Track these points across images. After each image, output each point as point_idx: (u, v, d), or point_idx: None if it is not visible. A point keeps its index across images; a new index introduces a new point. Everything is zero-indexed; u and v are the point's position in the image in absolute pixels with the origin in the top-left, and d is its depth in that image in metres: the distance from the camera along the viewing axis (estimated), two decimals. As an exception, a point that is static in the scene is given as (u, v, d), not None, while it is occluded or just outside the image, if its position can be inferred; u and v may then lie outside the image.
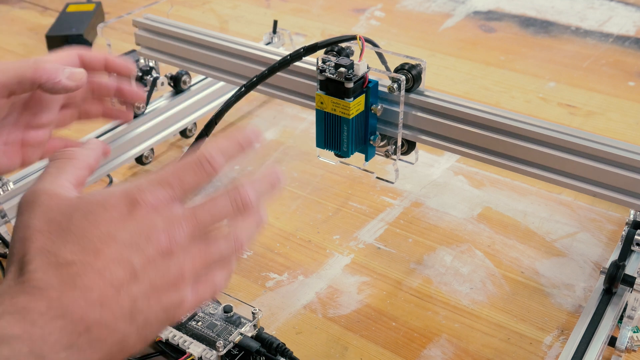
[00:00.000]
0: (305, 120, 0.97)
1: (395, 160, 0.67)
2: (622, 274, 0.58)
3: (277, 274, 0.70)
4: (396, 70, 0.64)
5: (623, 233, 0.63)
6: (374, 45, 0.64)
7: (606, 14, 1.26)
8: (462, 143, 0.64)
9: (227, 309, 0.60)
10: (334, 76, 0.59)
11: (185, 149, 0.92)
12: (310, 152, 0.90)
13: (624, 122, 0.95)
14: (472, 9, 1.30)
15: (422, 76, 0.64)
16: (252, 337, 0.58)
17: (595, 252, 0.72)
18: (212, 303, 0.62)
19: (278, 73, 0.66)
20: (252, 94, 0.70)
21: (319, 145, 0.65)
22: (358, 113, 0.62)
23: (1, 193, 0.70)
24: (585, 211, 0.78)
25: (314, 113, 0.63)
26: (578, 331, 0.57)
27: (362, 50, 0.60)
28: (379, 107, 0.63)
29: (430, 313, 0.66)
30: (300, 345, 0.62)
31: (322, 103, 0.61)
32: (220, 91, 0.93)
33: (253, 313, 0.58)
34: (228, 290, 0.67)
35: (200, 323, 0.59)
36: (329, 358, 0.61)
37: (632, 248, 0.61)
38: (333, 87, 0.60)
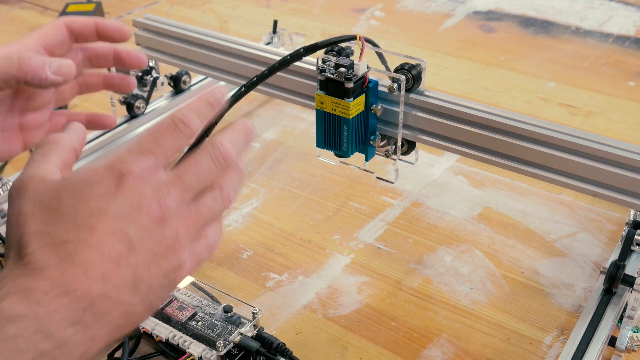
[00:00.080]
0: (305, 120, 0.97)
1: (395, 160, 0.67)
2: (622, 274, 0.58)
3: (277, 274, 0.70)
4: (396, 70, 0.64)
5: (623, 233, 0.63)
6: (374, 45, 0.64)
7: (606, 14, 1.26)
8: (462, 143, 0.64)
9: (227, 309, 0.60)
10: (334, 76, 0.59)
11: (185, 149, 0.92)
12: (310, 152, 0.90)
13: (624, 122, 0.95)
14: (472, 9, 1.30)
15: (422, 76, 0.64)
16: (252, 337, 0.58)
17: (595, 252, 0.72)
18: (212, 303, 0.62)
19: (278, 73, 0.66)
20: (252, 94, 0.70)
21: (319, 145, 0.65)
22: (358, 113, 0.62)
23: (1, 193, 0.70)
24: (585, 211, 0.78)
25: (314, 113, 0.63)
26: (578, 331, 0.57)
27: (362, 50, 0.60)
28: (379, 107, 0.63)
29: (430, 313, 0.66)
30: (300, 345, 0.62)
31: (322, 103, 0.61)
32: (220, 91, 0.93)
33: (253, 313, 0.58)
34: (228, 290, 0.67)
35: (200, 323, 0.59)
36: (329, 358, 0.61)
37: (632, 248, 0.61)
38: (333, 87, 0.60)
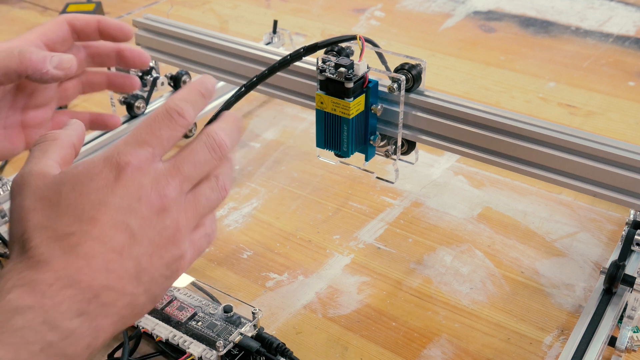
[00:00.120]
0: (305, 120, 0.97)
1: (395, 160, 0.66)
2: (622, 274, 0.58)
3: (277, 274, 0.70)
4: (396, 70, 0.64)
5: (623, 233, 0.63)
6: (374, 45, 0.64)
7: (606, 14, 1.26)
8: (462, 143, 0.64)
9: (227, 309, 0.60)
10: (334, 76, 0.59)
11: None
12: (310, 152, 0.90)
13: (624, 122, 0.95)
14: (472, 9, 1.30)
15: (422, 76, 0.64)
16: (252, 337, 0.58)
17: (595, 252, 0.72)
18: (212, 303, 0.62)
19: (278, 73, 0.66)
20: (252, 94, 0.70)
21: (319, 145, 0.65)
22: (358, 113, 0.62)
23: (1, 193, 0.70)
24: (585, 211, 0.78)
25: (314, 113, 0.63)
26: (578, 331, 0.57)
27: (362, 50, 0.60)
28: (379, 107, 0.63)
29: (430, 313, 0.66)
30: (300, 345, 0.62)
31: (322, 103, 0.61)
32: (220, 91, 0.93)
33: (253, 313, 0.58)
34: (228, 290, 0.67)
35: (200, 323, 0.59)
36: (329, 358, 0.61)
37: (632, 248, 0.61)
38: (333, 87, 0.60)
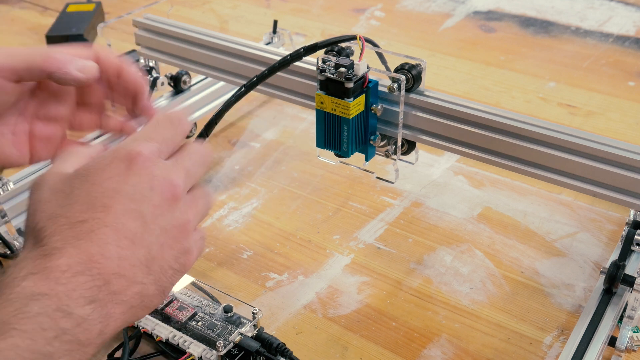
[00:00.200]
0: (305, 120, 0.97)
1: (395, 160, 0.66)
2: (622, 274, 0.58)
3: (277, 274, 0.70)
4: (396, 70, 0.64)
5: (623, 233, 0.63)
6: (374, 45, 0.64)
7: (606, 14, 1.26)
8: (462, 143, 0.64)
9: (227, 309, 0.60)
10: (334, 76, 0.59)
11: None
12: (310, 152, 0.90)
13: (624, 122, 0.95)
14: (472, 9, 1.30)
15: (422, 76, 0.64)
16: (252, 337, 0.58)
17: (595, 252, 0.72)
18: (212, 303, 0.62)
19: (278, 73, 0.66)
20: (252, 94, 0.70)
21: (319, 145, 0.65)
22: (358, 113, 0.62)
23: (1, 193, 0.70)
24: (585, 211, 0.78)
25: (314, 113, 0.63)
26: (578, 331, 0.57)
27: (362, 50, 0.60)
28: (379, 107, 0.63)
29: (430, 313, 0.66)
30: (300, 345, 0.62)
31: (322, 103, 0.61)
32: (220, 91, 0.93)
33: (253, 313, 0.58)
34: (228, 290, 0.67)
35: (200, 323, 0.59)
36: (329, 358, 0.61)
37: (632, 248, 0.61)
38: (333, 87, 0.60)
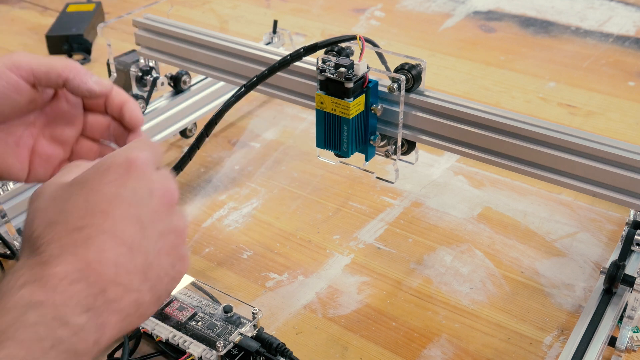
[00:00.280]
0: (305, 120, 0.97)
1: (395, 160, 0.66)
2: (622, 274, 0.58)
3: (277, 274, 0.70)
4: (396, 70, 0.64)
5: (623, 233, 0.63)
6: (374, 45, 0.64)
7: (606, 14, 1.26)
8: (462, 143, 0.64)
9: (227, 309, 0.60)
10: (334, 76, 0.59)
11: (185, 149, 0.92)
12: (310, 152, 0.90)
13: (624, 122, 0.95)
14: (472, 9, 1.30)
15: (422, 76, 0.64)
16: (252, 337, 0.58)
17: (595, 252, 0.72)
18: (212, 303, 0.62)
19: (278, 73, 0.66)
20: (252, 94, 0.70)
21: (319, 145, 0.65)
22: (358, 113, 0.62)
23: (1, 193, 0.70)
24: (585, 211, 0.78)
25: (314, 113, 0.63)
26: (578, 331, 0.57)
27: (362, 50, 0.60)
28: (379, 107, 0.63)
29: (430, 313, 0.66)
30: (300, 345, 0.62)
31: (322, 103, 0.61)
32: (220, 91, 0.93)
33: (253, 313, 0.58)
34: (228, 290, 0.67)
35: (200, 323, 0.59)
36: (329, 358, 0.61)
37: (632, 248, 0.61)
38: (333, 87, 0.60)
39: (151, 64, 0.86)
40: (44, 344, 0.33)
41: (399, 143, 0.66)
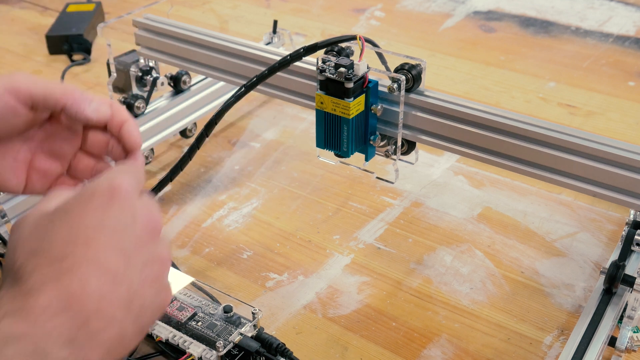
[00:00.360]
0: (305, 120, 0.97)
1: (395, 160, 0.66)
2: (622, 274, 0.58)
3: (277, 274, 0.70)
4: (396, 70, 0.64)
5: (623, 233, 0.63)
6: (374, 45, 0.64)
7: (606, 14, 1.26)
8: (462, 143, 0.64)
9: (227, 309, 0.60)
10: (334, 76, 0.59)
11: (185, 149, 0.92)
12: (310, 152, 0.90)
13: (624, 122, 0.95)
14: (472, 9, 1.30)
15: (422, 76, 0.64)
16: (252, 337, 0.58)
17: (595, 252, 0.72)
18: (212, 303, 0.62)
19: (278, 73, 0.66)
20: (252, 94, 0.70)
21: (319, 145, 0.65)
22: (358, 113, 0.62)
23: (1, 193, 0.70)
24: (585, 211, 0.78)
25: (314, 113, 0.63)
26: (578, 331, 0.57)
27: (362, 50, 0.60)
28: (379, 107, 0.63)
29: (430, 313, 0.66)
30: (300, 345, 0.62)
31: (322, 103, 0.61)
32: (220, 91, 0.93)
33: (253, 313, 0.58)
34: (228, 290, 0.67)
35: (200, 323, 0.59)
36: (329, 358, 0.61)
37: (632, 248, 0.61)
38: (333, 87, 0.60)
39: (151, 64, 0.86)
40: None
41: (399, 143, 0.66)
